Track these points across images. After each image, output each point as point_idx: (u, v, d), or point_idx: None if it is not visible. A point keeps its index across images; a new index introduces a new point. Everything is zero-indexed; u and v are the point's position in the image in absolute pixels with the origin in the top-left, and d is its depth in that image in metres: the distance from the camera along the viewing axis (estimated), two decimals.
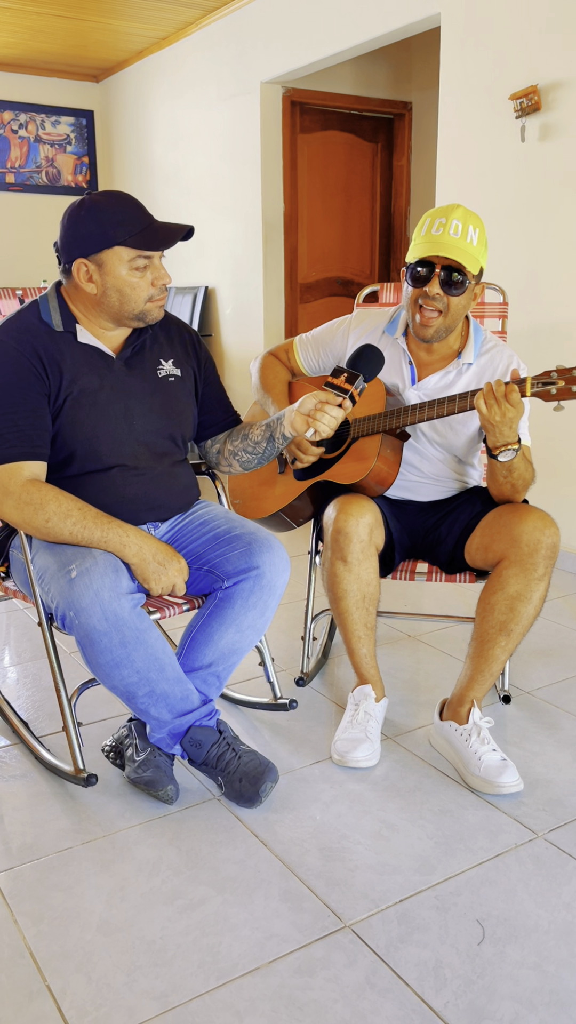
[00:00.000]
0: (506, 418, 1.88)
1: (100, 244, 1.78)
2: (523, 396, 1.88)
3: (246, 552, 1.91)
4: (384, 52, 5.22)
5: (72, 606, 1.72)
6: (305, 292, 5.37)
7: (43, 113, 6.23)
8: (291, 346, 2.37)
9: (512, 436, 1.92)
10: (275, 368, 2.36)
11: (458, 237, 1.96)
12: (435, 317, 2.03)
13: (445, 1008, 1.36)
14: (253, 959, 1.46)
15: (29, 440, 1.81)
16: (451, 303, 2.02)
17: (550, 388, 1.86)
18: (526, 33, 3.32)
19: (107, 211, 1.78)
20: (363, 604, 2.08)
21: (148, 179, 6.03)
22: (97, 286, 1.82)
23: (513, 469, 1.99)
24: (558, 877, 1.66)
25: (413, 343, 2.17)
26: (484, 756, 1.95)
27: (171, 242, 1.81)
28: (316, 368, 2.33)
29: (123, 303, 1.84)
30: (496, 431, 1.91)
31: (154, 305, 1.87)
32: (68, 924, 1.54)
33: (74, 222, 1.81)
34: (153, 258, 1.83)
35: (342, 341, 2.26)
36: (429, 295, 2.00)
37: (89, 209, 1.79)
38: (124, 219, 1.78)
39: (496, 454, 1.95)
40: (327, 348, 2.29)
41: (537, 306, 3.44)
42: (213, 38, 5.10)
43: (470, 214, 1.99)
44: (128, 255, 1.80)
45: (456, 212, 1.98)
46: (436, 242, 1.97)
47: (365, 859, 1.72)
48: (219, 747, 1.88)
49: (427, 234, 2.00)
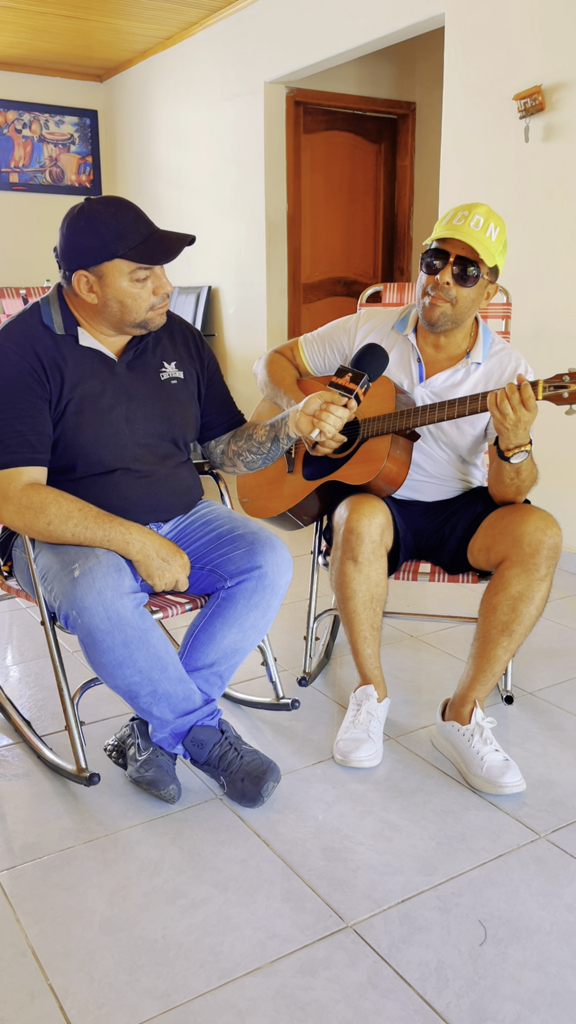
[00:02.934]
0: (521, 422, 1.88)
1: (100, 257, 1.76)
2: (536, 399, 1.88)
3: (249, 552, 1.91)
4: (388, 52, 5.22)
5: (75, 605, 1.72)
6: (308, 292, 5.37)
7: (47, 113, 6.24)
8: (296, 345, 2.36)
9: (525, 438, 1.92)
10: (282, 363, 2.36)
11: (478, 230, 1.98)
12: (442, 303, 2.04)
13: (447, 1009, 1.36)
14: (255, 959, 1.46)
15: (29, 446, 1.81)
16: (461, 294, 2.02)
17: (562, 392, 1.86)
18: (530, 33, 3.32)
19: (107, 222, 1.75)
20: (371, 605, 2.08)
21: (151, 179, 6.03)
22: (98, 297, 1.81)
23: (522, 470, 1.99)
24: (560, 878, 1.66)
25: (423, 339, 2.17)
26: (486, 756, 1.95)
27: (172, 255, 1.79)
28: (322, 367, 2.33)
29: (124, 313, 1.83)
30: (510, 434, 1.90)
31: (156, 313, 1.86)
32: (70, 923, 1.55)
33: (73, 232, 1.78)
34: (154, 268, 1.81)
35: (348, 339, 2.26)
36: (440, 284, 2.01)
37: (89, 219, 1.76)
38: (124, 231, 1.75)
39: (508, 456, 1.95)
40: (334, 346, 2.29)
41: (541, 307, 3.44)
42: (217, 38, 5.10)
43: (494, 213, 2.01)
44: (128, 267, 1.78)
45: (480, 208, 2.00)
46: (455, 229, 1.99)
47: (367, 859, 1.71)
48: (221, 747, 1.88)
49: (448, 223, 2.02)
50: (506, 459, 1.95)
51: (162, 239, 1.79)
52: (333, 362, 2.30)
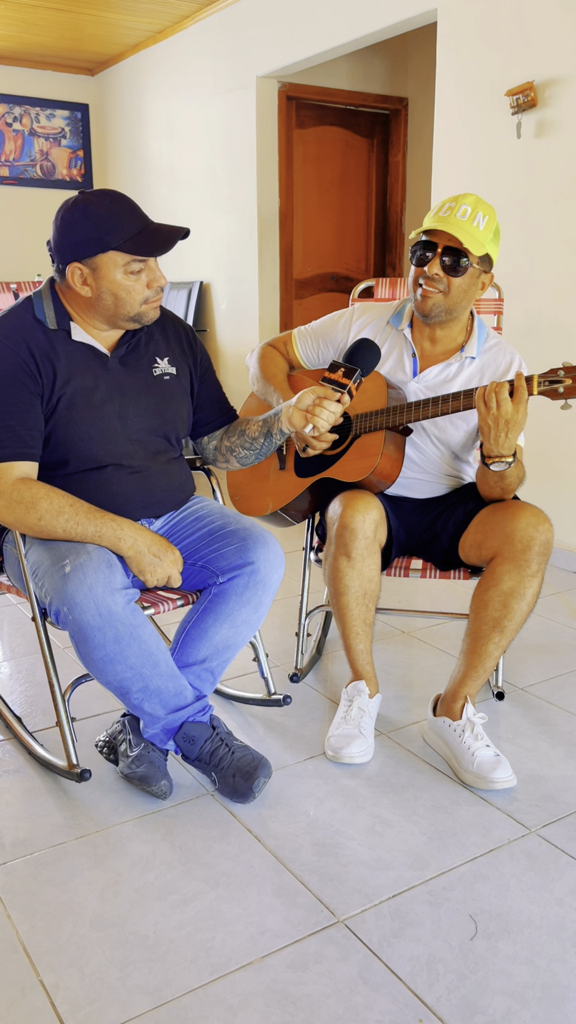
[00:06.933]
0: (501, 421, 1.88)
1: (94, 249, 1.76)
2: (530, 394, 1.88)
3: (240, 548, 1.90)
4: (380, 47, 5.21)
5: (66, 601, 1.72)
6: (300, 288, 5.36)
7: (38, 106, 6.21)
8: (290, 338, 2.36)
9: (508, 449, 1.92)
10: (275, 358, 2.35)
11: (464, 220, 1.98)
12: (434, 293, 2.04)
13: (438, 1003, 1.37)
14: (246, 954, 1.46)
15: (21, 440, 1.80)
16: (452, 284, 2.02)
17: (557, 387, 1.86)
18: (523, 29, 3.32)
19: (101, 214, 1.75)
20: (363, 600, 2.08)
21: (143, 173, 6.01)
22: (92, 289, 1.81)
23: (506, 476, 1.99)
24: (550, 872, 1.67)
25: (419, 333, 2.17)
26: (477, 752, 1.96)
27: (167, 247, 1.79)
28: (315, 361, 2.33)
29: (118, 306, 1.83)
30: (492, 435, 1.91)
31: (149, 307, 1.85)
32: (61, 919, 1.54)
33: (68, 224, 1.77)
34: (148, 261, 1.81)
35: (343, 333, 2.25)
36: (428, 274, 2.02)
37: (83, 211, 1.75)
38: (118, 223, 1.75)
39: (489, 463, 1.95)
40: (327, 340, 2.29)
41: (533, 302, 3.45)
42: (209, 32, 5.08)
43: (482, 202, 2.01)
44: (123, 260, 1.77)
45: (468, 198, 2.00)
46: (441, 220, 2.00)
47: (358, 854, 1.72)
48: (212, 743, 1.88)
49: (435, 215, 2.02)
50: (487, 465, 1.96)
51: (157, 232, 1.79)
52: (326, 356, 2.29)
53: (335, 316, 2.30)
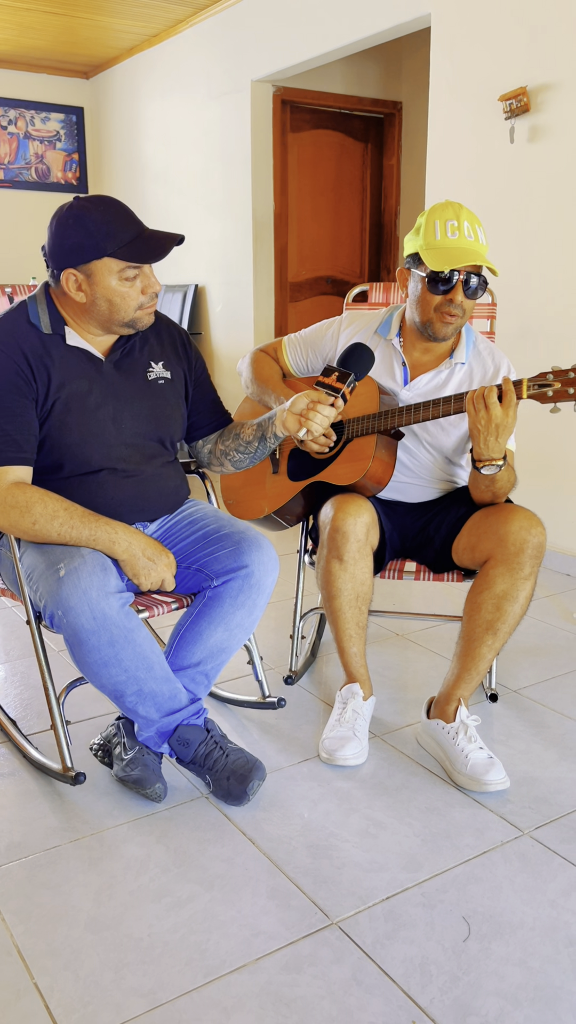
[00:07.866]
0: (492, 425, 1.89)
1: (89, 256, 1.76)
2: (519, 398, 1.89)
3: (235, 551, 1.91)
4: (375, 52, 5.23)
5: (60, 605, 1.72)
6: (295, 291, 5.37)
7: (33, 109, 6.21)
8: (279, 346, 2.37)
9: (498, 452, 1.93)
10: (267, 361, 2.36)
11: (473, 240, 1.99)
12: (457, 319, 2.06)
13: (431, 1004, 1.37)
14: (240, 956, 1.47)
15: (15, 444, 1.80)
16: (469, 305, 2.05)
17: (546, 390, 1.87)
18: (516, 35, 3.33)
19: (96, 221, 1.75)
20: (356, 603, 2.09)
21: (138, 177, 6.02)
22: (86, 295, 1.81)
23: (497, 479, 2.00)
24: (543, 874, 1.68)
25: (410, 343, 2.18)
26: (471, 754, 1.96)
27: (161, 254, 1.79)
28: (304, 369, 2.33)
29: (113, 312, 1.83)
30: (482, 439, 1.92)
31: (144, 313, 1.86)
32: (56, 922, 1.55)
33: (62, 230, 1.78)
34: (143, 267, 1.81)
35: (332, 342, 2.26)
36: (455, 303, 2.02)
37: (78, 218, 1.76)
38: (113, 229, 1.75)
39: (480, 467, 1.97)
40: (316, 349, 2.29)
41: (526, 307, 3.46)
42: (204, 36, 5.09)
43: (472, 214, 2.02)
44: (118, 266, 1.78)
45: (463, 213, 1.99)
46: (460, 249, 1.98)
47: (352, 857, 1.72)
48: (207, 745, 1.88)
49: (443, 239, 1.99)
50: (477, 468, 1.97)
51: (151, 238, 1.80)
52: (315, 365, 2.30)
53: (323, 325, 2.31)
